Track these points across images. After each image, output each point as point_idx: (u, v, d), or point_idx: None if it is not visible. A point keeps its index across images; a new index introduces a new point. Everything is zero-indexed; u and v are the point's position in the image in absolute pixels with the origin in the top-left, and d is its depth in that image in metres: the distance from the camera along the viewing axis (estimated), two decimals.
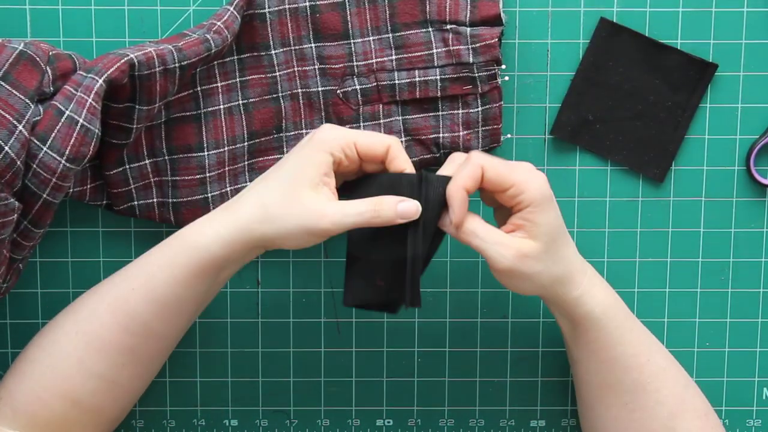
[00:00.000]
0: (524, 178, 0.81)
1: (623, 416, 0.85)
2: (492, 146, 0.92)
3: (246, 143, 0.91)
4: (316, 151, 0.81)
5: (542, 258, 0.81)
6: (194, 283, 0.83)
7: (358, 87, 0.91)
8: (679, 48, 0.92)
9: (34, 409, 0.82)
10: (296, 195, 0.81)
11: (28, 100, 0.82)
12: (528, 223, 0.81)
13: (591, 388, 0.88)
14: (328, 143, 0.81)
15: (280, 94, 0.91)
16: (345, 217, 0.80)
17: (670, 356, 0.88)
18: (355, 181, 0.84)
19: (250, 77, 0.91)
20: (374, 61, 0.91)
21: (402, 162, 0.83)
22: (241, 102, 0.91)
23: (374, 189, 0.82)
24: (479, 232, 0.81)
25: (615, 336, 0.85)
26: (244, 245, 0.82)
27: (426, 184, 0.81)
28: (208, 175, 0.91)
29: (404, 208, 0.81)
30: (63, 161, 0.82)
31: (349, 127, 0.91)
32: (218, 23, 0.87)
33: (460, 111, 0.91)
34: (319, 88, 0.91)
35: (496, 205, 0.86)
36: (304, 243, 0.82)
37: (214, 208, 0.91)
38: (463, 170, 0.81)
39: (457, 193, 0.80)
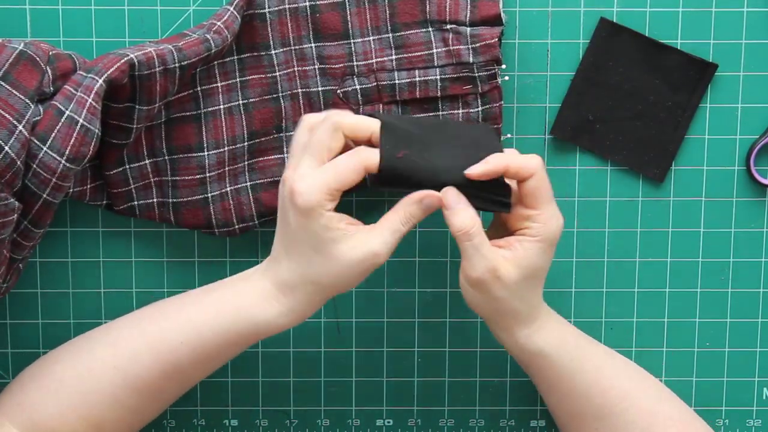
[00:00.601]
0: (552, 213, 0.82)
1: None
2: None
3: (246, 143, 0.91)
4: (314, 220, 0.79)
5: (510, 288, 0.81)
6: (246, 346, 0.85)
7: (358, 87, 0.91)
8: (679, 48, 0.92)
9: (54, 426, 0.83)
10: (334, 258, 0.80)
11: (28, 100, 0.82)
12: (522, 251, 0.81)
13: (560, 417, 0.89)
14: (316, 208, 0.79)
15: (280, 94, 0.91)
16: (387, 246, 0.80)
17: (641, 373, 0.88)
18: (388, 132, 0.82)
19: (250, 77, 0.91)
20: (374, 61, 0.91)
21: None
22: (241, 102, 0.91)
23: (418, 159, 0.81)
24: (474, 235, 0.80)
25: (569, 369, 0.85)
26: (310, 314, 0.84)
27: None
28: (208, 175, 0.90)
29: (428, 203, 0.80)
30: (63, 161, 0.82)
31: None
32: (218, 23, 0.87)
33: (460, 111, 0.91)
34: (319, 88, 0.91)
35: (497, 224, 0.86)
36: (363, 278, 0.82)
37: (214, 209, 0.91)
38: (519, 157, 0.81)
39: (497, 160, 0.80)
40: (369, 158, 0.79)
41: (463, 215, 0.80)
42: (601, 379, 0.86)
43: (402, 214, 0.81)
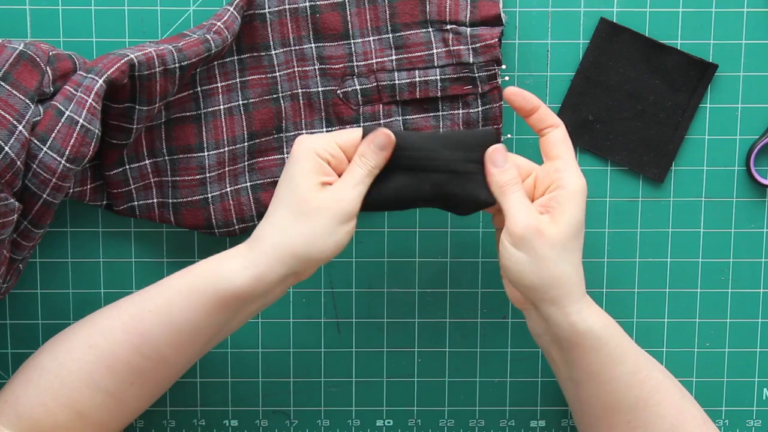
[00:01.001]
0: (576, 167, 0.83)
1: None
2: None
3: (246, 143, 0.91)
4: (302, 161, 0.81)
5: (555, 247, 0.80)
6: (212, 313, 0.82)
7: (358, 87, 0.91)
8: (679, 48, 0.92)
9: (38, 416, 0.82)
10: (309, 206, 0.80)
11: (28, 101, 0.82)
12: (557, 206, 0.81)
13: (592, 410, 0.85)
14: (308, 151, 0.81)
15: (280, 95, 0.91)
16: (355, 188, 0.81)
17: (664, 368, 0.87)
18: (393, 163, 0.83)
19: (251, 77, 0.91)
20: (374, 61, 0.91)
21: None
22: (241, 102, 0.91)
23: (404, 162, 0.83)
24: (516, 191, 0.82)
25: (615, 355, 0.83)
26: (279, 277, 0.81)
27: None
28: (208, 175, 0.90)
29: (379, 141, 0.81)
30: (63, 161, 0.82)
31: (349, 128, 0.91)
32: (218, 23, 0.87)
33: (461, 111, 0.91)
34: (319, 89, 0.91)
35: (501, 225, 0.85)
36: (343, 237, 0.81)
37: (214, 209, 0.91)
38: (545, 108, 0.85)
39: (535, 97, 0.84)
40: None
41: (511, 171, 0.82)
42: (640, 370, 0.84)
43: (357, 160, 0.82)
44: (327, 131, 0.92)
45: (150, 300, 0.83)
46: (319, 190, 0.81)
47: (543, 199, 0.83)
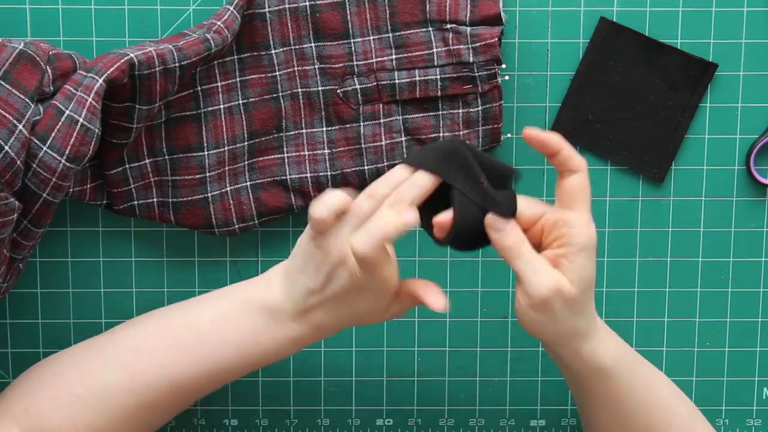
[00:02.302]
0: (590, 219, 0.78)
1: None
2: (492, 145, 0.92)
3: (246, 143, 0.91)
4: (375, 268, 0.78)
5: (574, 305, 0.78)
6: (254, 347, 0.83)
7: (358, 86, 0.91)
8: (679, 48, 0.92)
9: None
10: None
11: (28, 100, 0.82)
12: (569, 264, 0.77)
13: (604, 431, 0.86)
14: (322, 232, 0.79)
15: (280, 94, 0.91)
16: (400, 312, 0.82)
17: (674, 387, 0.87)
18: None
19: (251, 77, 0.91)
20: (374, 60, 0.91)
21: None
22: (241, 102, 0.91)
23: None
24: (525, 252, 0.77)
25: (625, 385, 0.82)
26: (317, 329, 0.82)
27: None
28: (208, 174, 0.90)
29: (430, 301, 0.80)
30: (63, 161, 0.82)
31: (350, 127, 0.91)
32: (218, 23, 0.87)
33: (461, 110, 0.91)
34: (319, 88, 0.91)
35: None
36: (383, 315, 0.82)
37: (214, 208, 0.91)
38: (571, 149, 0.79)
39: (557, 138, 0.78)
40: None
41: (513, 233, 0.77)
42: (649, 397, 0.84)
43: (411, 297, 0.81)
44: (327, 131, 0.92)
45: (195, 359, 0.83)
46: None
47: (552, 252, 0.78)
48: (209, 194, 0.91)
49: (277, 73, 0.91)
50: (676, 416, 0.85)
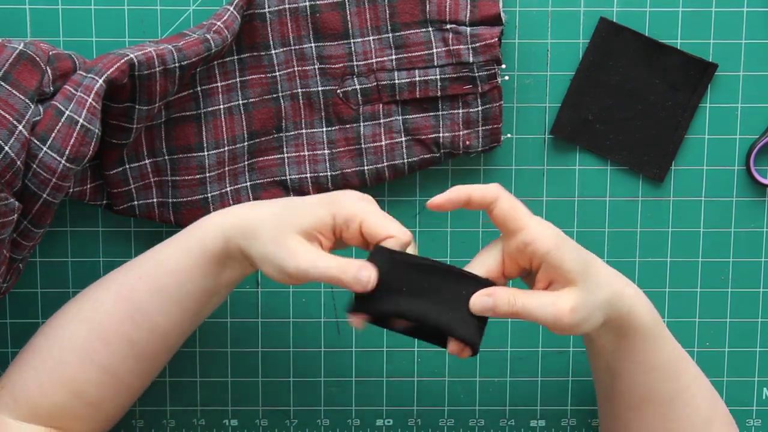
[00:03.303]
0: (539, 221, 0.78)
1: (660, 427, 0.84)
2: (492, 146, 0.92)
3: (246, 143, 0.91)
4: (323, 207, 0.80)
5: (588, 298, 0.78)
6: (197, 276, 0.82)
7: (358, 87, 0.91)
8: (679, 48, 0.92)
9: (35, 399, 0.82)
10: (283, 231, 0.79)
11: (28, 100, 0.82)
12: (555, 270, 0.78)
13: (630, 402, 0.85)
14: (336, 206, 0.79)
15: (280, 94, 0.91)
16: (313, 269, 0.78)
17: (696, 364, 0.87)
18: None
19: (250, 77, 0.91)
20: (374, 60, 0.91)
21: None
22: (241, 102, 0.91)
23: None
24: (528, 304, 0.77)
25: (659, 343, 0.83)
26: (236, 246, 0.81)
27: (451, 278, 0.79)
28: (208, 175, 0.91)
29: (362, 276, 0.77)
30: (63, 161, 0.82)
31: (350, 127, 0.91)
32: (218, 23, 0.87)
33: (460, 110, 0.91)
34: (319, 88, 0.91)
35: (524, 273, 0.82)
36: (275, 276, 0.80)
37: (214, 208, 0.91)
38: (477, 186, 0.79)
39: (458, 189, 0.78)
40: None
41: (502, 299, 0.78)
42: (679, 361, 0.84)
43: (336, 265, 0.78)
44: (327, 131, 0.92)
45: (138, 268, 0.84)
46: (302, 234, 0.79)
47: (541, 275, 0.79)
48: (209, 194, 0.91)
49: (277, 73, 0.91)
50: (699, 388, 0.85)
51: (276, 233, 0.79)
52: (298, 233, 0.79)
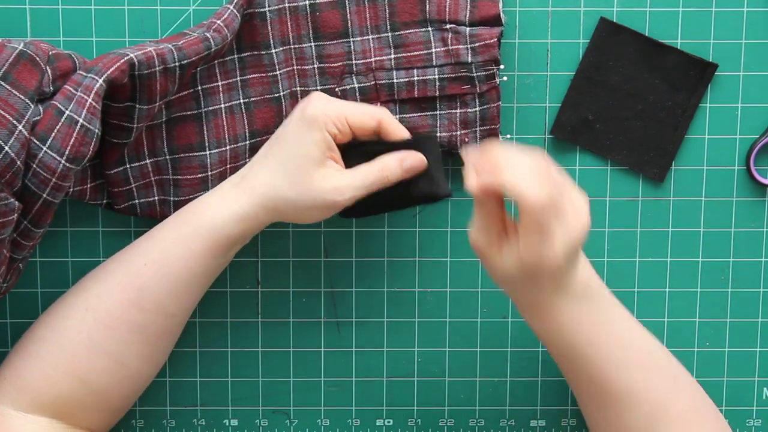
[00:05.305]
0: (519, 184, 0.75)
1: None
2: None
3: (247, 142, 0.91)
4: (314, 131, 0.83)
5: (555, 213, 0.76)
6: (208, 259, 0.84)
7: (356, 86, 0.91)
8: (679, 48, 0.92)
9: (40, 388, 0.82)
10: (307, 177, 0.82)
11: (28, 100, 0.83)
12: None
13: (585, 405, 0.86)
14: (321, 120, 0.83)
15: (281, 93, 0.91)
16: (356, 190, 0.83)
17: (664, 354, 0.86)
18: (349, 149, 0.86)
19: (251, 76, 0.91)
20: (373, 60, 0.91)
21: (396, 132, 0.85)
22: (242, 101, 0.91)
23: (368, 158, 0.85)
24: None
25: (616, 310, 0.83)
26: (260, 224, 0.85)
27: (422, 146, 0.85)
28: (210, 173, 0.91)
29: (409, 163, 0.83)
30: (63, 161, 0.82)
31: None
32: (218, 22, 0.87)
33: (458, 110, 0.91)
34: (318, 87, 0.91)
35: None
36: (319, 218, 0.84)
37: None
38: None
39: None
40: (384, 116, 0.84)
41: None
42: (634, 324, 0.84)
43: (378, 169, 0.84)
44: None
45: (144, 253, 0.85)
46: (321, 165, 0.83)
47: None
48: None
49: (278, 72, 0.91)
50: (660, 351, 0.85)
51: (301, 185, 0.82)
52: (318, 168, 0.82)
